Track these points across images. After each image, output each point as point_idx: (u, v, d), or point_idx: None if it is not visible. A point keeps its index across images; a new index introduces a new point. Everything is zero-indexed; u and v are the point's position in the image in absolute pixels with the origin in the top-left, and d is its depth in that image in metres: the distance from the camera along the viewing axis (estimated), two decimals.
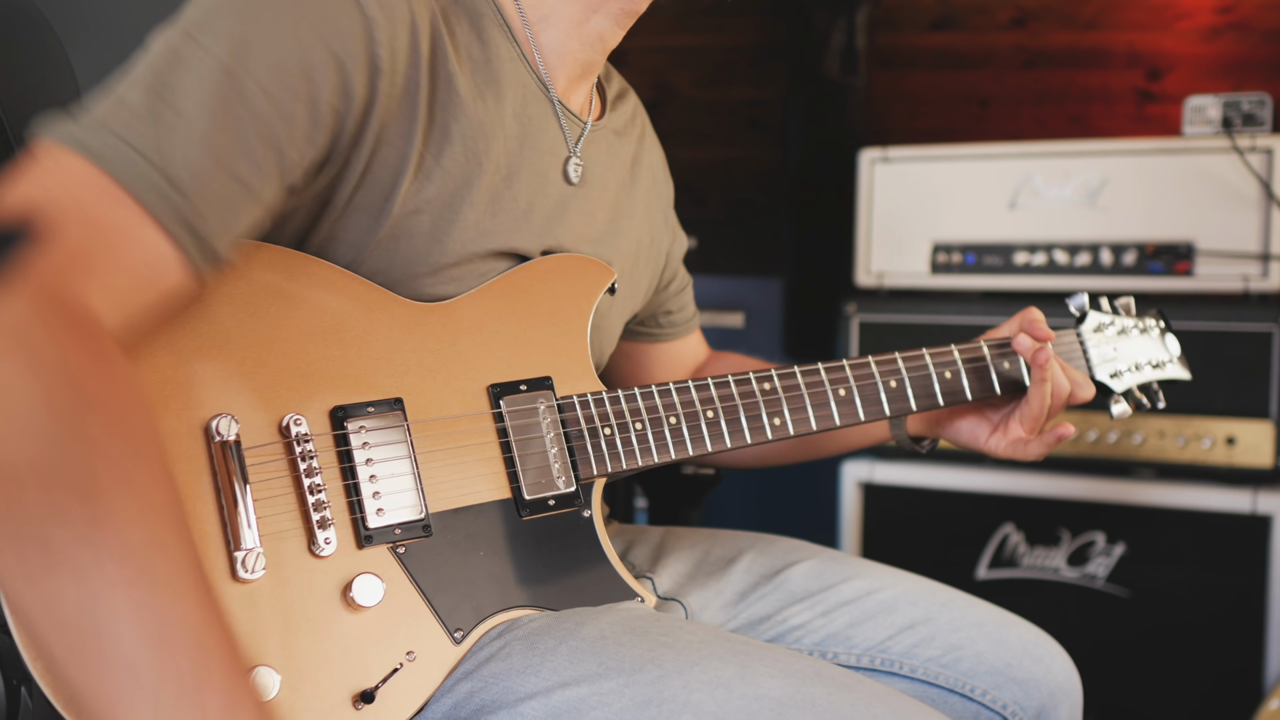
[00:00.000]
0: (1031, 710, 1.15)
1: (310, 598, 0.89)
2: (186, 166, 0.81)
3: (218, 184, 0.83)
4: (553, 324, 1.08)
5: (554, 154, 1.12)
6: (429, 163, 0.99)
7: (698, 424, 1.08)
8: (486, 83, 1.04)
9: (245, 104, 0.85)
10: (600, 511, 1.05)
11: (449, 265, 1.02)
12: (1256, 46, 3.18)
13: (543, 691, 0.89)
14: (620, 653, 0.91)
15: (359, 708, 0.88)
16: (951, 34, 3.47)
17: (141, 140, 0.80)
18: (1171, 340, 1.35)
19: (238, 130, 0.84)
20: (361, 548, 0.92)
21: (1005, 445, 1.24)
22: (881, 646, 1.17)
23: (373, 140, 0.95)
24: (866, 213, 2.45)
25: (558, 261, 1.11)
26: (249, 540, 0.86)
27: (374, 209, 0.97)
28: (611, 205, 1.21)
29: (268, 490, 0.90)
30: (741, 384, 1.11)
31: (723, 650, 0.91)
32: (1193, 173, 2.21)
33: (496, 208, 1.05)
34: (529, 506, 1.01)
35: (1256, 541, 2.10)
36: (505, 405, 1.02)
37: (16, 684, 1.03)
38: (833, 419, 1.15)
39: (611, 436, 1.05)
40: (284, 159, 0.88)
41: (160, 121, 0.81)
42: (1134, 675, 2.18)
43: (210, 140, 0.83)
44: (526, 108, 1.08)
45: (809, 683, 0.89)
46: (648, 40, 3.63)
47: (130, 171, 0.79)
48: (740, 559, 1.26)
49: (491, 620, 0.96)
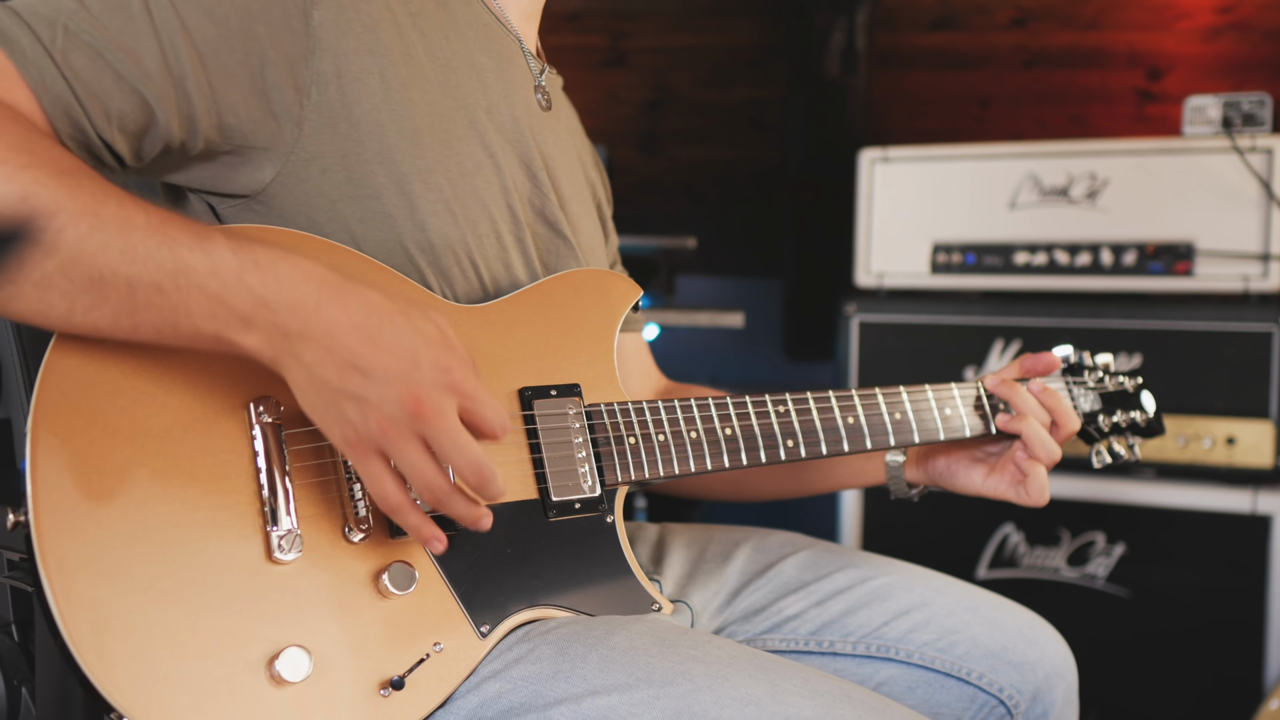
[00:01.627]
0: (1027, 692, 1.16)
1: (343, 582, 0.90)
2: (73, 49, 0.88)
3: (104, 71, 0.89)
4: (582, 334, 1.11)
5: (522, 84, 1.16)
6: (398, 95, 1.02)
7: (717, 440, 1.11)
8: (449, 20, 1.09)
9: (149, 9, 0.91)
10: (622, 518, 1.07)
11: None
12: (1256, 46, 3.19)
13: (572, 698, 0.90)
14: (651, 664, 0.91)
15: (386, 694, 0.89)
16: (951, 34, 3.47)
17: (36, 19, 0.88)
18: (1148, 398, 1.38)
19: (133, 29, 0.90)
20: (393, 536, 0.93)
21: (1005, 485, 1.24)
22: (877, 633, 1.18)
23: (331, 74, 0.98)
24: (866, 213, 2.45)
25: (588, 275, 1.15)
26: (286, 522, 0.88)
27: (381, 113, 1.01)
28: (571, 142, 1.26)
29: (304, 475, 0.91)
30: (758, 405, 1.14)
31: (752, 667, 0.92)
32: (1193, 173, 2.21)
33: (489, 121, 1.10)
34: (556, 508, 1.02)
35: (1256, 541, 2.10)
36: (536, 408, 1.04)
37: (17, 684, 1.04)
38: (841, 445, 1.17)
39: (636, 445, 1.07)
40: (183, 69, 0.92)
41: (60, 8, 0.89)
42: (1134, 675, 2.19)
43: (105, 33, 0.89)
44: (492, 43, 1.13)
45: (839, 704, 0.89)
46: (648, 40, 3.63)
47: (14, 42, 0.86)
48: (736, 554, 1.27)
49: (516, 618, 0.97)
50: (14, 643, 1.06)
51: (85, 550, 0.81)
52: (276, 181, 0.98)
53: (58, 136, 0.89)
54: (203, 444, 0.88)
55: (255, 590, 0.86)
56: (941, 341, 2.35)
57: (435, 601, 0.94)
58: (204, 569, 0.85)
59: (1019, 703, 1.16)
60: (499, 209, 1.08)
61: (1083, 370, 1.38)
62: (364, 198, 1.00)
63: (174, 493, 0.85)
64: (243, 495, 0.88)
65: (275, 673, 0.84)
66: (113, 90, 0.89)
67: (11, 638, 1.06)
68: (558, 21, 1.05)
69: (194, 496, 0.86)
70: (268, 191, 0.99)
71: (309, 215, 1.00)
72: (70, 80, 0.88)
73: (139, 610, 0.81)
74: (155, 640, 0.81)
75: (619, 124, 3.67)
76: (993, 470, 1.25)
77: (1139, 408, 1.38)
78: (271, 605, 0.86)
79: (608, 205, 1.38)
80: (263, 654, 0.85)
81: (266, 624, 0.86)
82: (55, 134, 0.89)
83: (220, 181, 1.00)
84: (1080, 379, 1.36)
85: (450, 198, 1.04)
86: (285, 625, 0.86)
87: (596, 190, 1.33)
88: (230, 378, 0.90)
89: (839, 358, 2.43)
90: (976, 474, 1.26)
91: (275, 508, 0.88)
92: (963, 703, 1.16)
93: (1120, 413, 1.36)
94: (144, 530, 0.83)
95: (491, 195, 1.08)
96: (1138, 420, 1.37)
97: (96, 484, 0.82)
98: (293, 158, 0.98)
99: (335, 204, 1.00)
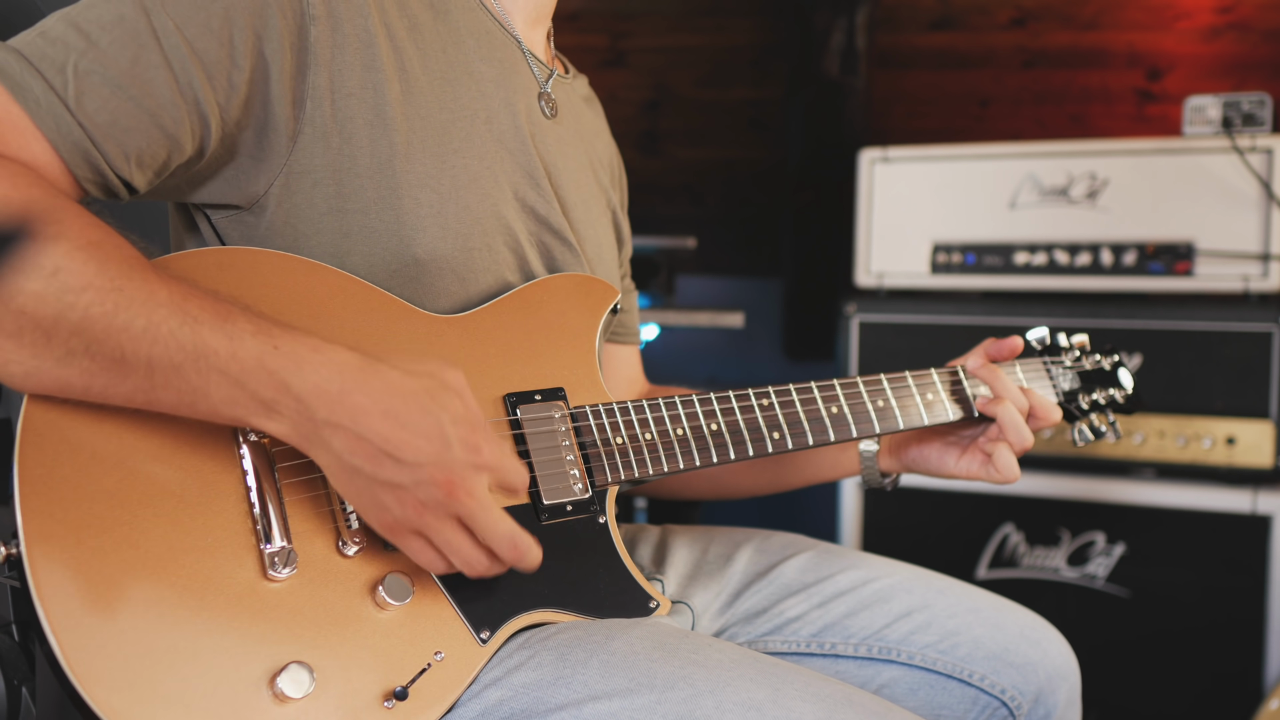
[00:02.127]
0: (1030, 694, 1.16)
1: (339, 596, 0.90)
2: (86, 91, 0.87)
3: (119, 110, 0.89)
4: (563, 338, 1.11)
5: (525, 92, 1.16)
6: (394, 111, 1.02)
7: (703, 436, 1.11)
8: (449, 30, 1.09)
9: (156, 37, 0.90)
10: (614, 518, 1.07)
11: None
12: (1256, 46, 3.19)
13: (574, 704, 0.90)
14: (652, 669, 0.91)
15: (389, 706, 0.89)
16: (951, 34, 3.47)
17: (45, 63, 0.87)
18: (1125, 374, 1.39)
19: (145, 60, 0.89)
20: (387, 548, 0.93)
21: (977, 466, 1.25)
22: (879, 635, 1.18)
23: (326, 87, 0.98)
24: (866, 213, 2.45)
25: (566, 279, 1.15)
26: (279, 539, 0.88)
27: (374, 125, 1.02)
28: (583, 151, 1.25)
29: (295, 490, 0.91)
30: (742, 399, 1.14)
31: (753, 671, 0.92)
32: (1193, 173, 2.21)
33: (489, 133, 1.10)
34: (548, 511, 1.03)
35: (1256, 541, 2.10)
36: (522, 413, 1.04)
37: (17, 684, 1.03)
38: (827, 435, 1.17)
39: (624, 445, 1.07)
40: (195, 93, 0.92)
41: (69, 47, 0.88)
42: (1134, 675, 2.19)
43: (116, 68, 0.88)
44: (494, 51, 1.13)
45: (841, 708, 0.89)
46: (648, 40, 3.63)
47: (26, 90, 0.86)
48: (738, 555, 1.27)
49: (515, 622, 0.97)
50: (14, 643, 1.06)
51: (79, 578, 0.80)
52: (269, 194, 0.99)
53: (75, 180, 0.89)
54: (191, 465, 0.87)
55: (253, 608, 0.86)
56: (941, 341, 2.35)
57: (434, 610, 0.94)
58: (200, 590, 0.84)
59: (1021, 704, 1.16)
60: (494, 220, 1.08)
61: (1060, 350, 1.38)
62: (351, 212, 1.00)
63: (165, 515, 0.85)
64: (234, 514, 0.88)
65: (278, 690, 0.84)
66: (130, 129, 0.90)
67: (11, 638, 1.06)
68: (558, 21, 1.06)
69: (185, 518, 0.86)
70: (260, 204, 0.99)
71: (295, 228, 1.00)
72: (86, 126, 0.88)
73: (137, 634, 0.81)
74: (156, 663, 0.81)
75: (619, 124, 3.66)
76: (965, 452, 1.26)
77: (1117, 384, 1.39)
78: (270, 623, 0.86)
79: (623, 211, 1.38)
80: (264, 672, 0.84)
81: (266, 642, 0.85)
82: (73, 179, 0.89)
83: (217, 194, 1.00)
84: (1058, 359, 1.37)
85: (440, 211, 1.03)
86: (285, 642, 0.86)
87: (611, 197, 1.32)
88: None
89: (839, 358, 2.43)
90: (950, 457, 1.27)
91: (268, 525, 0.88)
92: (965, 704, 1.16)
93: (1099, 390, 1.37)
94: (137, 554, 0.83)
95: (487, 207, 1.07)
96: (1116, 397, 1.38)
97: (86, 510, 0.82)
98: (286, 170, 0.98)
99: (323, 217, 1.00)
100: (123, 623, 0.81)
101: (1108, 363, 1.39)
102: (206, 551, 0.86)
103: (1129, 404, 1.39)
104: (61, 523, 0.81)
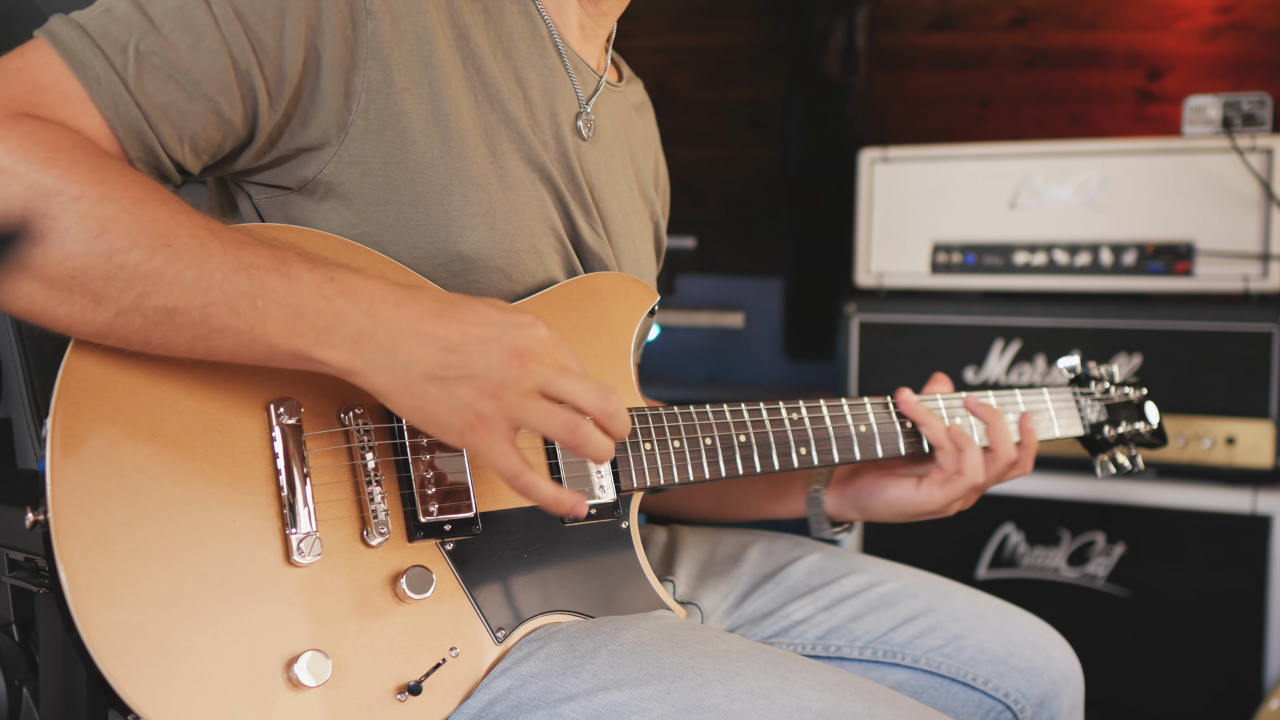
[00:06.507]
0: (1034, 698, 1.16)
1: (361, 586, 0.90)
2: (146, 72, 0.89)
3: (177, 93, 0.90)
4: (599, 339, 1.11)
5: (566, 108, 1.14)
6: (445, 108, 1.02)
7: (731, 447, 1.11)
8: (501, 34, 1.09)
9: (216, 23, 0.91)
10: (637, 525, 1.07)
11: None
12: (1256, 46, 3.19)
13: (583, 694, 0.90)
14: (660, 659, 0.91)
15: (403, 699, 0.89)
16: (951, 34, 3.47)
17: (108, 40, 0.88)
18: (1151, 409, 1.38)
19: (204, 46, 0.91)
20: (411, 541, 0.93)
21: (940, 492, 1.21)
22: (884, 638, 1.18)
23: (379, 78, 0.99)
24: (866, 213, 2.45)
25: (608, 279, 1.14)
26: (305, 525, 0.88)
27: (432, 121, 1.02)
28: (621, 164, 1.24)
29: (324, 477, 0.91)
30: (773, 413, 1.14)
31: (762, 661, 0.92)
32: (1193, 173, 2.21)
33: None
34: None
35: (1256, 541, 2.10)
36: None
37: (18, 684, 1.04)
38: (853, 452, 1.17)
39: (652, 451, 1.07)
40: (251, 80, 0.93)
41: (131, 26, 0.89)
42: (1134, 675, 2.19)
43: (176, 52, 0.90)
44: (544, 59, 1.12)
45: (849, 696, 0.90)
46: (648, 40, 3.63)
47: (86, 66, 0.87)
48: (745, 557, 1.27)
49: (532, 623, 0.98)
50: (14, 643, 1.06)
51: (104, 551, 0.80)
52: (318, 180, 0.99)
53: (127, 157, 0.90)
54: (222, 445, 0.87)
55: (274, 593, 0.86)
56: (941, 341, 2.35)
57: (452, 606, 0.94)
58: (223, 571, 0.84)
59: (1025, 708, 1.16)
60: (539, 224, 1.08)
61: (1089, 381, 1.38)
62: (399, 204, 1.00)
63: (193, 494, 0.85)
64: (262, 497, 0.88)
65: (294, 676, 0.84)
66: (186, 112, 0.91)
67: (12, 638, 1.06)
68: None
69: (213, 498, 0.86)
70: (308, 188, 1.00)
71: (341, 214, 1.00)
72: (143, 106, 0.88)
73: (158, 612, 0.81)
74: (174, 642, 0.81)
75: None
76: (921, 482, 1.23)
77: (1143, 419, 1.39)
78: (290, 608, 0.86)
79: (664, 218, 1.37)
80: (281, 657, 0.84)
81: (285, 627, 0.85)
82: (125, 155, 0.90)
83: (269, 175, 1.01)
84: (1087, 390, 1.37)
85: (489, 211, 1.03)
86: (303, 629, 0.86)
87: (655, 208, 1.32)
88: (250, 379, 0.89)
89: (839, 358, 2.43)
90: (907, 488, 1.23)
91: (295, 510, 0.88)
92: (969, 708, 1.16)
93: (1125, 424, 1.37)
94: (163, 532, 0.83)
95: (532, 210, 1.07)
96: (1141, 431, 1.38)
97: (116, 484, 0.82)
98: (336, 159, 0.98)
99: (370, 207, 1.00)
100: (144, 596, 0.81)
101: (1135, 396, 1.39)
102: (232, 532, 0.85)
103: (1153, 440, 1.39)
104: (91, 493, 0.81)
